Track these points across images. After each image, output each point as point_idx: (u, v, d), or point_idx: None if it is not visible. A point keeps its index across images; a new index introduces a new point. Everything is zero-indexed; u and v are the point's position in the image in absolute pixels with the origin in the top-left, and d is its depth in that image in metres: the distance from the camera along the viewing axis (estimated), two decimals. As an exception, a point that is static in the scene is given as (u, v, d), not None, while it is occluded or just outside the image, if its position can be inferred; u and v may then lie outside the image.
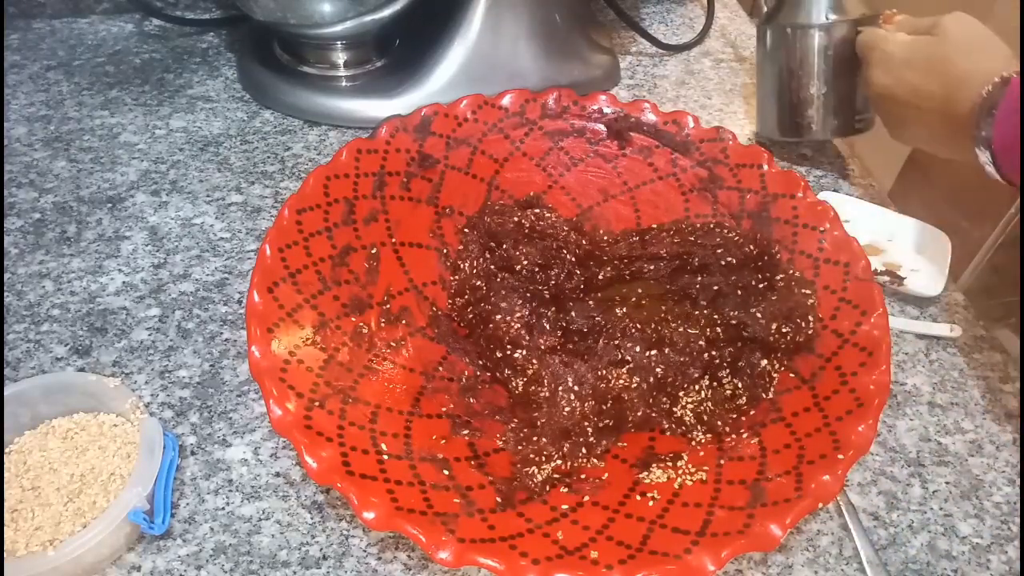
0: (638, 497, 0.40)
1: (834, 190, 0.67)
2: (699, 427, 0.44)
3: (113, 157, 0.64)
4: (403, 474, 0.38)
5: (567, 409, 0.43)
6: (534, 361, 0.45)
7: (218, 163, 0.65)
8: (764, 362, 0.45)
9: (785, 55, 0.64)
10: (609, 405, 0.44)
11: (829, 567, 0.43)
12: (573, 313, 0.47)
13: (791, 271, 0.47)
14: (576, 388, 0.43)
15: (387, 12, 0.66)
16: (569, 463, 0.42)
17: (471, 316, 0.48)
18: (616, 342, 0.45)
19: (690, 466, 0.41)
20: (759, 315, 0.45)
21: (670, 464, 0.42)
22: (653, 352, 0.45)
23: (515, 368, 0.45)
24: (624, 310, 0.48)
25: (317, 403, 0.39)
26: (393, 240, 0.49)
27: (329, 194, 0.46)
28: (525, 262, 0.48)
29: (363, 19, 0.66)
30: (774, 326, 0.44)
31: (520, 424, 0.44)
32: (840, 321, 0.44)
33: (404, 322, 0.48)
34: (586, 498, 0.40)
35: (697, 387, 0.45)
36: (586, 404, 0.43)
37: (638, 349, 0.45)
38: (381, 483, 0.37)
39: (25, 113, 0.68)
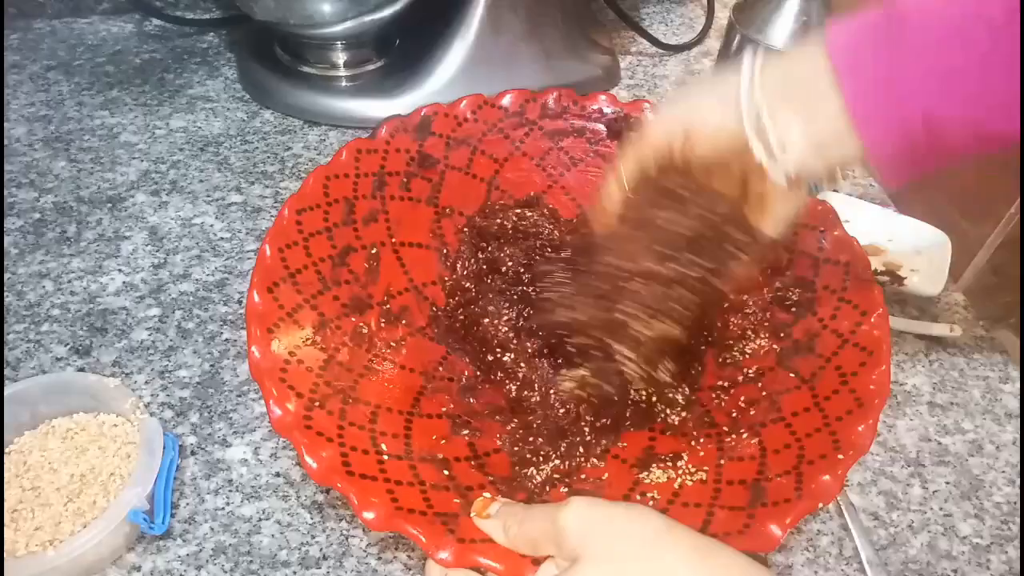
0: (638, 497, 0.40)
1: (834, 190, 0.67)
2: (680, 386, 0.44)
3: (113, 157, 0.64)
4: (403, 474, 0.38)
5: (561, 411, 0.43)
6: (522, 364, 0.45)
7: (218, 163, 0.65)
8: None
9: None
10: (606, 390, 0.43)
11: (829, 567, 0.43)
12: None
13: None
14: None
15: (387, 12, 0.66)
16: (567, 463, 0.42)
17: (462, 318, 0.49)
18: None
19: (690, 466, 0.41)
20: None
21: (670, 464, 0.42)
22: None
23: (506, 372, 0.45)
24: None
25: (317, 403, 0.39)
26: (393, 240, 0.49)
27: (329, 194, 0.46)
28: (510, 263, 0.48)
29: (363, 19, 0.66)
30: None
31: (518, 425, 0.44)
32: (840, 321, 0.44)
33: (404, 322, 0.47)
34: (586, 498, 0.40)
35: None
36: (580, 406, 0.43)
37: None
38: (381, 483, 0.37)
39: (25, 113, 0.68)
